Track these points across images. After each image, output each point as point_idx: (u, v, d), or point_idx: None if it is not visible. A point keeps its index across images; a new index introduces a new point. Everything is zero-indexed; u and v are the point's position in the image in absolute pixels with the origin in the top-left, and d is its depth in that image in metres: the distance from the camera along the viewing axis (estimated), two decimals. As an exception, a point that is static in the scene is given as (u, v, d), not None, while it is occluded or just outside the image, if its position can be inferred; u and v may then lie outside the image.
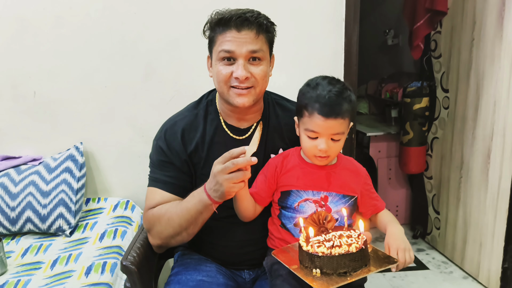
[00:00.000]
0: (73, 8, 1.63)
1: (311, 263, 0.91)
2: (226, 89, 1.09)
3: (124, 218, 1.61)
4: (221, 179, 0.95)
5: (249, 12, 1.07)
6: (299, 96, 1.08)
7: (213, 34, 1.09)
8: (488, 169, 2.07)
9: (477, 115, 2.13)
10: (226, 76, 1.07)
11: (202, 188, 1.03)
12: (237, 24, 1.04)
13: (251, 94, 1.09)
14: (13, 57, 1.65)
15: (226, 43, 1.05)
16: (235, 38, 1.05)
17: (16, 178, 1.56)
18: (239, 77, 1.05)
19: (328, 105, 1.00)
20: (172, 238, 1.11)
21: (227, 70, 1.07)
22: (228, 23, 1.05)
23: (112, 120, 1.73)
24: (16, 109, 1.69)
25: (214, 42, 1.09)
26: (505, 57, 1.93)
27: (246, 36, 1.05)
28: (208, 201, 1.02)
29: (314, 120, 1.02)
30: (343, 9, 1.69)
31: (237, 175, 0.94)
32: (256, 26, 1.06)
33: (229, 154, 0.95)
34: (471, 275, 2.26)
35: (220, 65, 1.07)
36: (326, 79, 1.06)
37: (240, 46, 1.05)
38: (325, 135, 1.03)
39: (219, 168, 0.95)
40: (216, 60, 1.08)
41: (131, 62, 1.69)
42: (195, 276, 1.15)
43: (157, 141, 1.18)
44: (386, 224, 1.10)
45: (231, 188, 0.96)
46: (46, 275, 1.27)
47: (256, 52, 1.07)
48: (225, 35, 1.05)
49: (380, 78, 3.29)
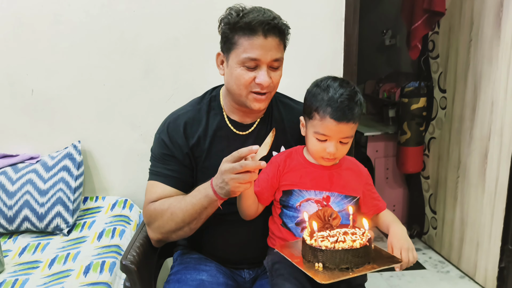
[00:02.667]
0: (71, 5, 1.62)
1: (313, 257, 0.91)
2: (245, 93, 1.09)
3: (122, 217, 1.60)
4: (227, 178, 0.95)
5: (275, 18, 1.05)
6: (308, 97, 1.08)
7: (235, 35, 1.05)
8: (485, 169, 2.08)
9: (475, 115, 2.14)
10: (248, 81, 1.06)
11: (209, 183, 1.03)
12: (265, 31, 1.03)
13: (268, 99, 1.11)
14: (10, 54, 1.63)
15: (253, 51, 1.03)
16: (262, 46, 1.03)
17: (14, 177, 1.55)
18: (264, 84, 1.05)
19: (340, 110, 1.00)
20: (174, 232, 1.11)
21: (249, 75, 1.06)
22: (255, 29, 1.02)
23: (110, 118, 1.72)
24: (13, 107, 1.67)
25: (236, 45, 1.05)
26: (502, 57, 1.94)
27: (271, 43, 1.04)
28: (213, 197, 1.02)
29: (325, 123, 1.02)
30: (343, 9, 1.69)
31: (244, 176, 0.94)
32: (280, 33, 1.06)
33: (238, 153, 0.94)
34: (468, 275, 2.27)
35: (241, 69, 1.06)
36: (336, 80, 1.06)
37: (266, 53, 1.04)
38: (334, 139, 1.03)
39: (227, 167, 0.95)
40: (237, 64, 1.06)
41: (130, 60, 1.68)
42: (194, 276, 1.15)
43: (160, 134, 1.18)
44: (389, 224, 1.10)
45: (237, 188, 0.96)
46: (44, 274, 1.26)
47: (278, 60, 1.07)
48: (252, 41, 1.03)
49: (378, 78, 3.30)
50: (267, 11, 1.06)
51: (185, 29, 1.67)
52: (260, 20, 1.02)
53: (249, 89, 1.08)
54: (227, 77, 1.11)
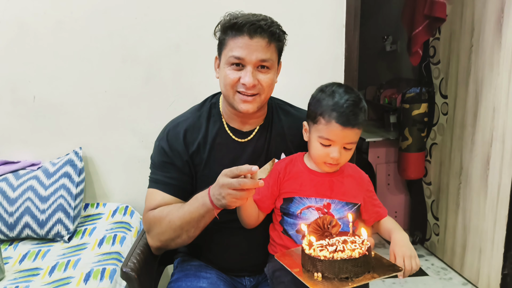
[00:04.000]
0: (74, 12, 1.63)
1: (313, 267, 0.91)
2: (232, 93, 1.09)
3: (123, 223, 1.59)
4: (224, 193, 0.95)
5: (263, 19, 1.06)
6: (313, 102, 1.08)
7: (224, 37, 1.08)
8: (488, 175, 2.07)
9: (476, 121, 2.14)
10: (233, 81, 1.07)
11: (206, 192, 1.03)
12: (250, 31, 1.04)
13: (256, 101, 1.10)
14: (13, 61, 1.64)
15: (237, 49, 1.05)
16: (247, 45, 1.04)
17: (15, 183, 1.55)
18: (247, 84, 1.06)
19: (346, 115, 1.01)
20: (172, 240, 1.10)
21: (234, 75, 1.07)
22: (241, 29, 1.04)
23: (112, 125, 1.72)
24: (15, 113, 1.68)
25: (225, 45, 1.08)
26: (503, 63, 1.94)
27: (257, 44, 1.05)
28: (210, 206, 1.02)
29: (331, 128, 1.02)
30: (343, 15, 1.70)
31: (241, 194, 0.94)
32: (269, 34, 1.06)
33: (238, 170, 0.94)
34: (471, 282, 2.25)
35: (228, 69, 1.07)
36: (341, 87, 1.07)
37: (251, 53, 1.05)
38: (339, 144, 1.03)
39: (225, 182, 0.94)
40: (225, 64, 1.08)
41: (131, 67, 1.68)
42: (195, 283, 1.14)
43: (159, 141, 1.18)
44: (391, 231, 1.10)
45: (233, 203, 0.96)
46: (44, 282, 1.25)
47: (266, 61, 1.07)
48: (236, 41, 1.05)
49: (379, 84, 3.30)
50: (260, 15, 1.07)
51: (186, 36, 1.68)
52: (247, 20, 1.04)
53: (235, 88, 1.08)
54: (220, 80, 1.12)
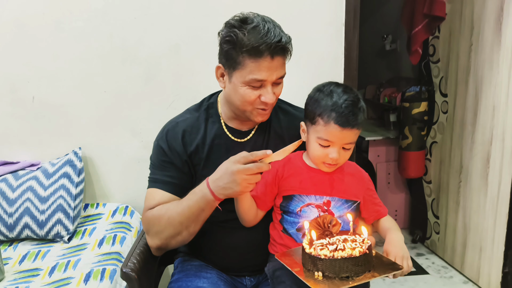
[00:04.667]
0: (73, 12, 1.62)
1: (313, 266, 0.90)
2: (250, 109, 1.10)
3: (123, 223, 1.59)
4: (240, 179, 0.96)
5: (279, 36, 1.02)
6: (311, 102, 1.07)
7: (239, 55, 1.03)
8: (488, 173, 2.07)
9: (476, 119, 2.14)
10: (253, 100, 1.07)
11: (204, 185, 1.03)
12: (272, 53, 1.02)
13: (270, 111, 1.13)
14: (12, 61, 1.64)
15: (260, 73, 1.03)
16: (268, 68, 1.03)
17: (14, 184, 1.55)
18: (269, 102, 1.07)
19: (345, 115, 1.00)
20: (173, 238, 1.10)
21: (254, 94, 1.06)
22: (263, 52, 1.01)
23: (111, 125, 1.72)
24: (14, 113, 1.68)
25: (242, 65, 1.03)
26: (503, 62, 1.94)
27: (277, 63, 1.04)
28: (211, 198, 1.02)
29: (329, 129, 1.01)
30: (343, 14, 1.69)
31: (257, 177, 0.97)
32: (286, 52, 1.06)
33: (252, 156, 0.96)
34: (472, 280, 2.25)
35: (246, 89, 1.06)
36: (339, 86, 1.06)
37: (272, 74, 1.04)
38: (338, 145, 1.03)
39: (240, 168, 0.96)
40: (242, 83, 1.05)
41: (131, 67, 1.68)
42: (195, 283, 1.14)
43: (158, 141, 1.18)
44: (387, 231, 1.10)
45: (246, 188, 0.98)
46: (44, 282, 1.25)
47: (282, 78, 1.09)
48: (258, 64, 1.02)
49: (379, 83, 3.30)
50: (270, 28, 1.02)
51: (186, 36, 1.67)
52: (267, 43, 1.00)
53: (254, 106, 1.09)
54: (230, 93, 1.10)
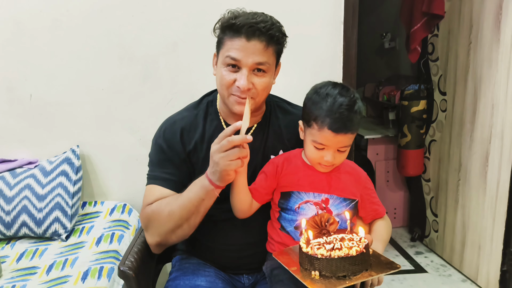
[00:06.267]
0: (70, 10, 1.62)
1: (310, 265, 0.90)
2: (226, 94, 1.08)
3: (121, 222, 1.59)
4: (217, 158, 0.96)
5: (263, 21, 1.02)
6: (308, 104, 1.06)
7: (222, 36, 1.06)
8: (487, 172, 2.07)
9: (475, 118, 2.13)
10: (229, 82, 1.05)
11: (204, 175, 1.03)
12: (248, 33, 1.01)
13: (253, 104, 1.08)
14: (9, 59, 1.64)
15: (234, 51, 1.03)
16: (243, 47, 1.02)
17: (12, 182, 1.54)
18: (241, 87, 1.04)
19: (339, 121, 0.99)
20: (173, 232, 1.09)
21: (230, 76, 1.05)
22: (239, 30, 1.01)
23: (109, 123, 1.71)
24: (12, 112, 1.67)
25: (222, 44, 1.05)
26: (502, 60, 1.93)
27: (254, 46, 1.02)
28: (209, 186, 1.01)
29: (323, 134, 1.01)
30: (341, 13, 1.69)
31: (233, 151, 0.95)
32: (267, 37, 1.03)
33: (224, 133, 0.97)
34: (470, 278, 2.26)
35: (224, 70, 1.06)
36: (336, 88, 1.03)
37: (247, 56, 1.02)
38: (332, 148, 1.03)
39: (215, 148, 0.97)
40: (221, 64, 1.06)
41: (129, 65, 1.67)
42: (193, 281, 1.14)
43: (156, 139, 1.17)
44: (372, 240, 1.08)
45: (228, 166, 0.96)
46: (41, 281, 1.25)
47: (262, 65, 1.05)
48: (233, 42, 1.02)
49: (378, 81, 3.30)
50: (261, 15, 1.04)
51: (184, 34, 1.67)
52: (245, 21, 1.01)
53: (230, 91, 1.07)
54: (216, 77, 1.11)
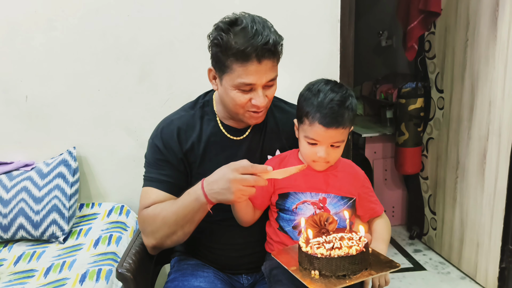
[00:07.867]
0: (65, 10, 1.60)
1: (310, 264, 0.90)
2: (242, 112, 1.09)
3: (119, 223, 1.58)
4: (235, 188, 0.95)
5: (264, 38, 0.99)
6: (300, 100, 1.07)
7: (227, 59, 1.01)
8: (484, 169, 2.07)
9: (472, 115, 2.14)
10: (244, 103, 1.06)
11: (199, 187, 1.02)
12: (259, 56, 1.00)
13: (264, 113, 1.12)
14: (4, 60, 1.62)
15: (247, 77, 1.01)
16: (256, 71, 1.01)
17: (8, 184, 1.53)
18: (260, 105, 1.05)
19: (329, 116, 0.99)
20: (168, 237, 1.09)
21: (245, 97, 1.05)
22: (249, 55, 0.99)
23: (105, 124, 1.70)
24: (7, 113, 1.66)
25: (230, 69, 1.02)
26: (499, 57, 1.93)
27: (266, 66, 1.02)
28: (204, 200, 1.01)
29: (314, 129, 1.01)
30: (338, 11, 1.68)
31: (251, 190, 0.95)
32: (275, 53, 1.03)
33: (253, 168, 0.95)
34: (469, 276, 2.26)
35: (236, 92, 1.05)
36: (328, 84, 1.04)
37: (261, 78, 1.02)
38: (324, 144, 1.03)
39: (237, 177, 0.94)
40: (231, 87, 1.04)
41: (125, 65, 1.66)
42: (192, 282, 1.13)
43: (153, 139, 1.17)
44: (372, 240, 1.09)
45: (240, 198, 0.97)
46: (39, 283, 1.24)
47: (273, 80, 1.07)
48: (245, 67, 1.00)
49: (375, 79, 3.30)
50: (259, 30, 1.00)
51: (180, 34, 1.66)
52: (253, 46, 0.98)
53: (245, 108, 1.08)
54: (222, 95, 1.10)
